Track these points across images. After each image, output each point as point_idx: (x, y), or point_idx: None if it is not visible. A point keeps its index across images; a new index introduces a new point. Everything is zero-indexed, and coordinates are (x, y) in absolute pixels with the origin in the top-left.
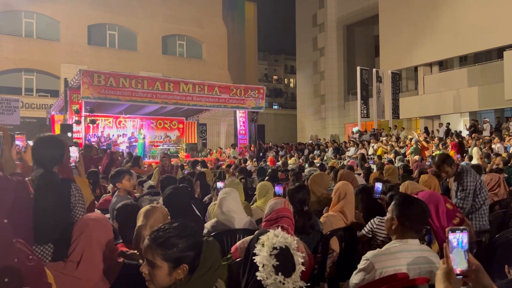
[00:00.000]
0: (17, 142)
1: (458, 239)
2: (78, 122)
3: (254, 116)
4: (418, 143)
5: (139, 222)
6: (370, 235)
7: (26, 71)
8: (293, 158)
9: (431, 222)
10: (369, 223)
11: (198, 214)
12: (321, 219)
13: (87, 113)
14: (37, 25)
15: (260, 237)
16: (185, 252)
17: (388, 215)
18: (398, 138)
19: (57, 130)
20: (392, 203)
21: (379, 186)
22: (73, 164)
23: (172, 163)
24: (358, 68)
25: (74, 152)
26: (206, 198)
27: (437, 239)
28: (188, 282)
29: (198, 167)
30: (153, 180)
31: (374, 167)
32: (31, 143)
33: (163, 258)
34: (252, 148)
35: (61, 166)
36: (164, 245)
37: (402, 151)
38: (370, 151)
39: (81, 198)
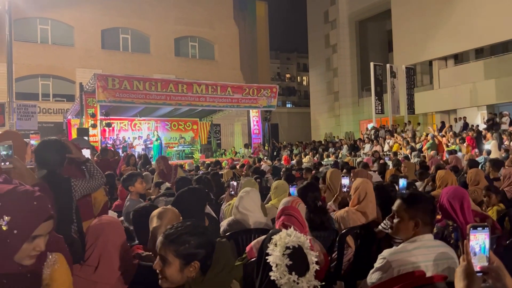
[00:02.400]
0: (32, 142)
1: (479, 235)
2: (94, 126)
3: (268, 115)
4: (435, 138)
5: (154, 223)
6: (388, 231)
7: (42, 77)
8: (307, 157)
9: (456, 218)
10: (387, 218)
11: (214, 215)
12: (340, 214)
13: (103, 117)
14: (52, 31)
15: (273, 237)
16: (196, 249)
17: (399, 219)
18: (413, 134)
19: (74, 134)
20: (401, 205)
21: (404, 182)
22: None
23: (170, 164)
24: (372, 64)
25: (86, 155)
26: (221, 198)
27: (463, 236)
28: (202, 281)
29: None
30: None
31: (390, 163)
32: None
33: (175, 254)
34: (266, 147)
35: (70, 168)
36: (176, 242)
37: (418, 146)
38: (386, 148)
39: (81, 188)
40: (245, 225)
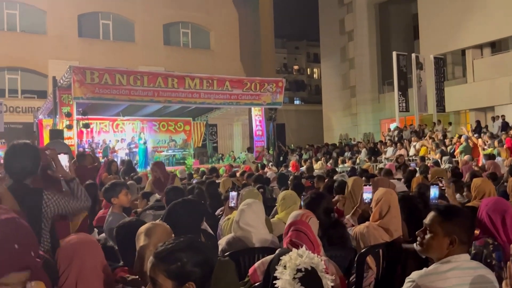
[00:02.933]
0: None
1: None
2: (69, 127)
3: (273, 113)
4: (469, 140)
5: (141, 242)
6: (416, 248)
7: (9, 70)
8: (319, 162)
9: (497, 235)
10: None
11: (211, 232)
12: (359, 230)
13: (80, 116)
14: (21, 17)
15: (281, 258)
16: (190, 268)
17: (432, 234)
18: (444, 135)
19: (46, 137)
20: (436, 219)
21: (435, 191)
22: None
23: (168, 171)
24: (394, 54)
25: (64, 161)
26: (218, 212)
27: (505, 257)
28: None
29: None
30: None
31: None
32: None
33: (166, 274)
34: (270, 152)
35: (43, 177)
36: (166, 260)
37: (450, 150)
38: (412, 152)
39: (56, 205)
40: (247, 243)
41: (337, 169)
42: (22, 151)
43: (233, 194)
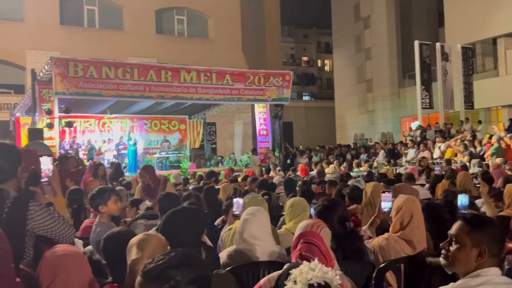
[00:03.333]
0: None
1: None
2: (50, 126)
3: (279, 111)
4: (501, 141)
5: (132, 255)
6: (441, 262)
7: None
8: (331, 166)
9: None
10: (441, 245)
11: (210, 244)
12: (378, 242)
13: (62, 114)
14: None
15: (291, 272)
16: (185, 286)
17: (459, 245)
18: (473, 136)
19: (24, 137)
20: (463, 228)
21: (464, 199)
22: (45, 179)
23: (158, 176)
24: (417, 43)
25: (46, 164)
26: (218, 221)
27: None
28: None
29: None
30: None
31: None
32: None
33: None
34: (276, 154)
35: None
36: (158, 279)
37: (479, 152)
38: (436, 154)
39: (43, 219)
40: (251, 257)
41: (351, 173)
42: None
43: (239, 200)
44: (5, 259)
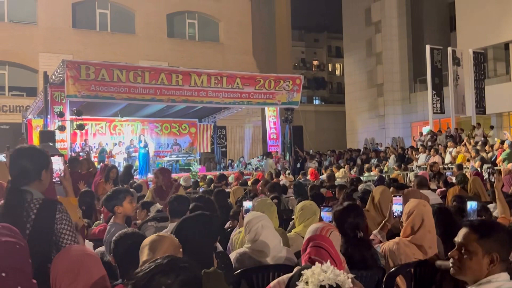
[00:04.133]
0: None
1: None
2: (62, 128)
3: (289, 115)
4: None
5: (144, 256)
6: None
7: None
8: (341, 170)
9: None
10: (449, 254)
11: (221, 248)
12: (389, 246)
13: (74, 117)
14: (10, 5)
15: (303, 273)
16: None
17: (469, 254)
18: (484, 141)
19: (36, 139)
20: (470, 236)
21: (473, 205)
22: (56, 179)
23: (172, 179)
24: (428, 48)
25: (57, 164)
26: (227, 225)
27: None
28: None
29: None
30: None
31: (453, 179)
32: (1, 157)
33: None
34: (286, 157)
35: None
36: (148, 287)
37: (491, 157)
38: (447, 159)
39: (69, 222)
40: (260, 260)
41: (361, 178)
42: (23, 152)
43: (248, 204)
44: (23, 255)
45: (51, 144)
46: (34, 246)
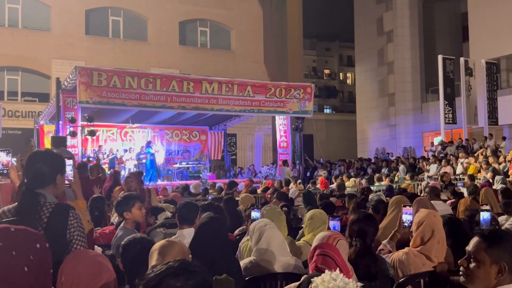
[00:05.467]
0: None
1: None
2: (73, 134)
3: (299, 123)
4: None
5: (153, 261)
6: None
7: (9, 70)
8: (352, 179)
9: None
10: (459, 262)
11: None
12: (398, 256)
13: (85, 123)
14: (24, 11)
15: (312, 280)
16: None
17: (478, 263)
18: (497, 152)
19: (48, 145)
20: (480, 245)
21: (486, 216)
22: (66, 183)
23: (143, 187)
24: (440, 58)
25: (69, 166)
26: (237, 232)
27: None
28: None
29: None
30: None
31: (464, 191)
32: (14, 160)
33: None
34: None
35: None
36: None
37: (503, 169)
38: (459, 170)
39: (81, 228)
40: (268, 268)
41: (372, 188)
42: (40, 155)
43: (257, 213)
44: (46, 272)
45: (65, 149)
46: None
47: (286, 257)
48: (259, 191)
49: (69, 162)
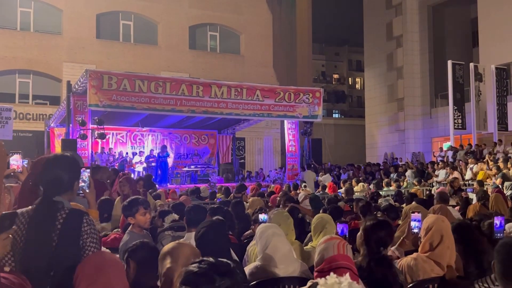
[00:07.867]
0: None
1: None
2: (83, 137)
3: (308, 127)
4: None
5: (166, 264)
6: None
7: (20, 73)
8: (360, 184)
9: None
10: None
11: (236, 258)
12: (407, 262)
13: (95, 126)
14: (35, 15)
15: (318, 284)
16: None
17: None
18: (506, 157)
19: (58, 147)
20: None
21: (500, 221)
22: (80, 191)
23: (139, 189)
24: (450, 63)
25: (84, 177)
26: (245, 235)
27: None
28: None
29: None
30: (115, 213)
31: (473, 196)
32: (25, 163)
33: None
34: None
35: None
36: (200, 278)
37: None
38: (468, 175)
39: (94, 234)
40: (274, 273)
41: (380, 192)
42: (60, 161)
43: (264, 217)
44: None
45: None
46: (60, 257)
47: (291, 267)
48: (266, 195)
49: (86, 171)
